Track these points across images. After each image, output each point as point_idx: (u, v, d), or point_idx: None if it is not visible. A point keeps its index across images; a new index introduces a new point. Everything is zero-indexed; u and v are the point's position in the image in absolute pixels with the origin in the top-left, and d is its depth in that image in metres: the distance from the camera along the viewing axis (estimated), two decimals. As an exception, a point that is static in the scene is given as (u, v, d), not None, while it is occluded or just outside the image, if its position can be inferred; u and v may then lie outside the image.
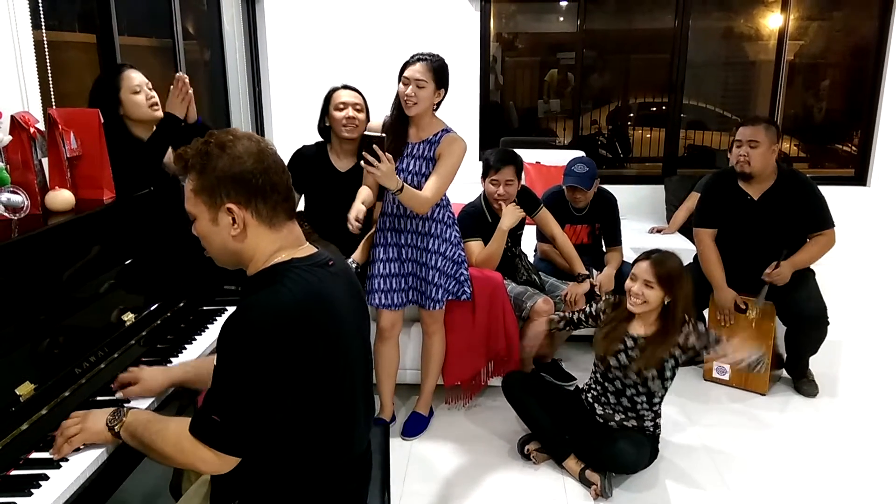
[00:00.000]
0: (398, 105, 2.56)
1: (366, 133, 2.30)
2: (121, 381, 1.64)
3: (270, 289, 1.26)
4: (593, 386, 2.56)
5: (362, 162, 2.30)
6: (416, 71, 2.46)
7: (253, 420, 1.24)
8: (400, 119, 2.59)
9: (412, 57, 2.50)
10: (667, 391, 2.46)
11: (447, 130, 2.59)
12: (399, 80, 2.52)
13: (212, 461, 1.26)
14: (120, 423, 1.38)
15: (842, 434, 2.84)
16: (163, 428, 1.33)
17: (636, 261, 2.43)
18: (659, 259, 2.37)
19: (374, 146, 2.26)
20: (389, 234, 2.68)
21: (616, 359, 2.42)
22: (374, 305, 2.69)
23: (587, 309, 2.64)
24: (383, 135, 2.33)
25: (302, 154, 2.93)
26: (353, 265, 2.79)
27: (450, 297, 2.74)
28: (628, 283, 2.42)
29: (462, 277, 2.74)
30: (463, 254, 2.75)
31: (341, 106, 2.77)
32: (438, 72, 2.49)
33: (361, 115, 2.79)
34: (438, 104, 2.58)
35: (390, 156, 2.31)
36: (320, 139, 2.96)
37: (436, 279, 2.64)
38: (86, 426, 1.39)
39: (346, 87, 2.84)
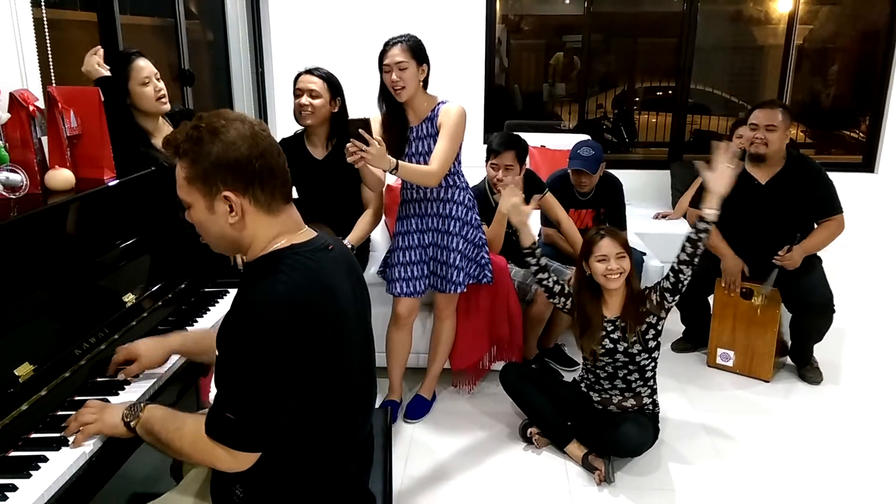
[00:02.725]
0: (386, 96, 2.53)
1: (350, 118, 2.24)
2: (116, 363, 1.61)
3: (271, 278, 1.23)
4: (586, 376, 2.59)
5: (349, 147, 2.22)
6: (394, 55, 2.43)
7: (267, 414, 1.23)
8: (393, 109, 2.56)
9: (385, 44, 2.47)
10: (656, 362, 2.48)
11: (442, 102, 2.56)
12: (381, 71, 2.48)
13: (229, 460, 1.25)
14: (136, 419, 1.36)
15: (845, 421, 2.82)
16: (180, 426, 1.31)
17: (589, 245, 2.42)
18: (611, 230, 2.45)
19: (360, 130, 2.20)
20: (411, 220, 2.66)
21: (602, 346, 2.44)
22: (395, 294, 2.67)
23: (564, 288, 2.56)
24: (367, 117, 2.29)
25: (282, 143, 2.89)
26: (349, 247, 2.78)
27: (471, 281, 2.72)
28: (600, 267, 2.39)
29: (483, 261, 2.72)
30: (483, 237, 2.72)
31: (298, 92, 2.69)
32: (415, 49, 2.46)
33: (317, 102, 2.66)
34: (426, 81, 2.54)
35: (378, 137, 2.26)
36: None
37: (457, 262, 2.62)
38: (102, 417, 1.38)
39: (309, 70, 2.71)
